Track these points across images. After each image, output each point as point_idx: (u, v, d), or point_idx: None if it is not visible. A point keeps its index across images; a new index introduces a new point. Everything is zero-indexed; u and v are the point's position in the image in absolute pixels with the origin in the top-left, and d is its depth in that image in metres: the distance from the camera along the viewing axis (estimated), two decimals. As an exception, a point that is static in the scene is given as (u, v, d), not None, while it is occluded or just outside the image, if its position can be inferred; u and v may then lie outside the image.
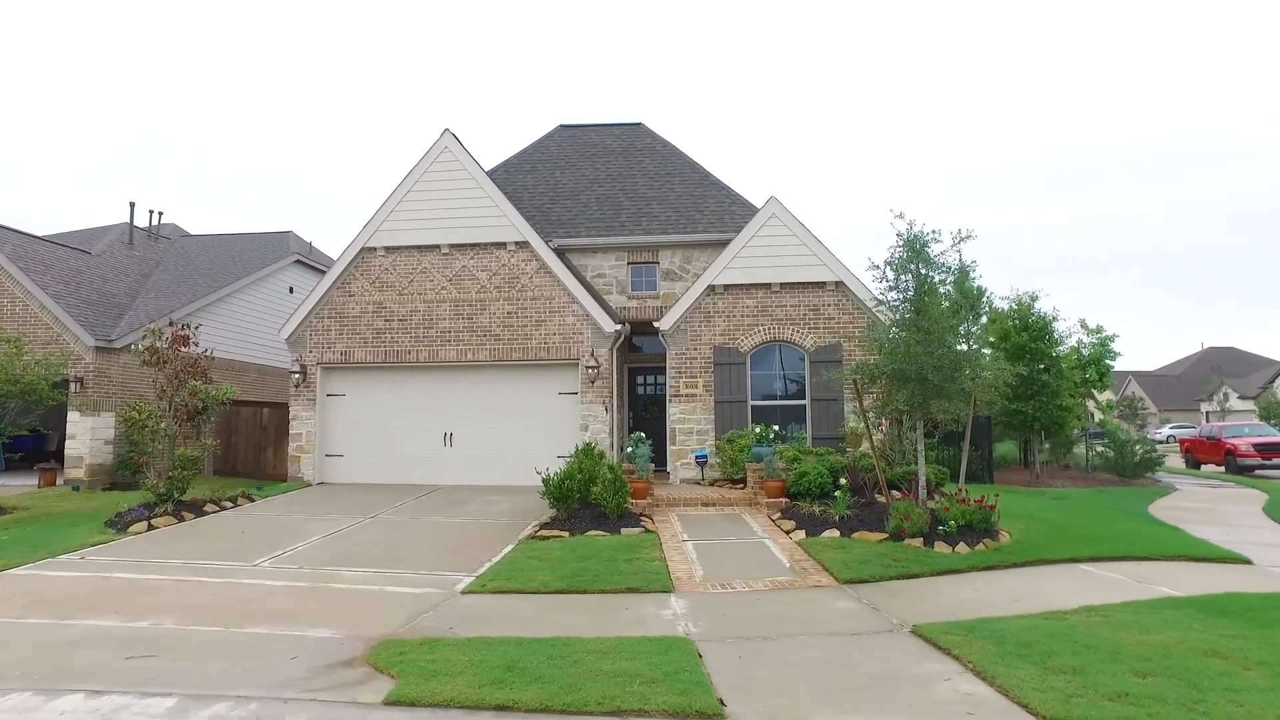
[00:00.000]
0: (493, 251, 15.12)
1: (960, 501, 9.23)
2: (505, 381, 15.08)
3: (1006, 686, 4.50)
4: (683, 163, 17.98)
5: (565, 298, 14.79)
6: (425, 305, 15.21)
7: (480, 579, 7.77)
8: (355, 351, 15.31)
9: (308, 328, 15.48)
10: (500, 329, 14.92)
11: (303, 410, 15.29)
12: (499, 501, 12.68)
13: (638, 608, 6.67)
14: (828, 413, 14.06)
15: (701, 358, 14.46)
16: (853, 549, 8.64)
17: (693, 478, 14.17)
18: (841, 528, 9.46)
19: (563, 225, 16.31)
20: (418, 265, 15.31)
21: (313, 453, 15.15)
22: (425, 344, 15.10)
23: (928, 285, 9.72)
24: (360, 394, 15.49)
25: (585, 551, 8.78)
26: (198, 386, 12.23)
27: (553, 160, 18.54)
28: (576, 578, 7.67)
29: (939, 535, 8.88)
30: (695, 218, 16.17)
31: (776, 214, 14.41)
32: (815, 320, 14.32)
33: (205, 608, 6.69)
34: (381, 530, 10.46)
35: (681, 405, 14.44)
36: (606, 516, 10.27)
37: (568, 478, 10.28)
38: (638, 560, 8.36)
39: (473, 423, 15.03)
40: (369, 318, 15.35)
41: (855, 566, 7.93)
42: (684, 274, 15.87)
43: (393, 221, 15.30)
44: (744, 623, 6.18)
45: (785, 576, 7.81)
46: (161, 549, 9.26)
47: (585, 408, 14.48)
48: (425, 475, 14.86)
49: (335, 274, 15.43)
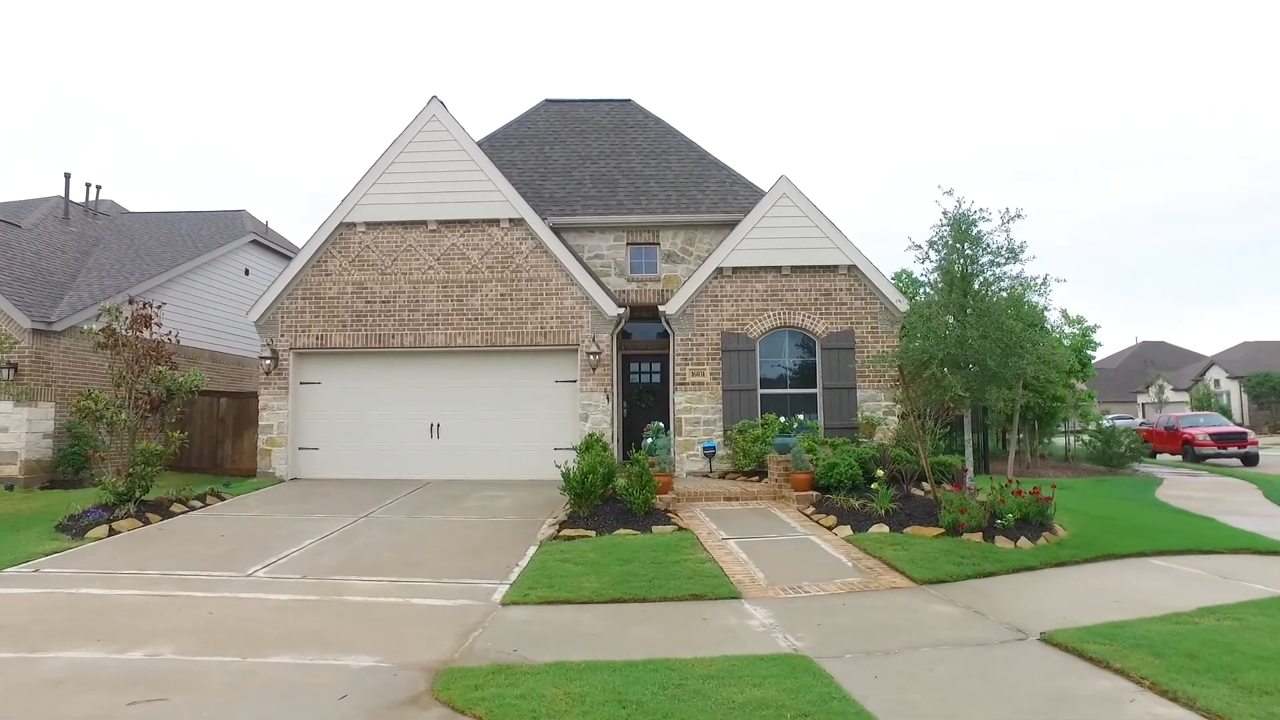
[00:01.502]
0: (484, 228, 14.06)
1: (1015, 493, 8.72)
2: (498, 369, 14.08)
3: (1214, 711, 3.89)
4: (678, 140, 17.18)
5: (563, 279, 13.86)
6: (410, 286, 14.07)
7: (518, 587, 6.89)
8: (333, 336, 14.08)
9: (279, 310, 14.17)
10: (492, 312, 13.90)
11: (273, 399, 14.00)
12: (499, 498, 11.74)
13: (717, 618, 5.90)
14: (840, 402, 13.50)
15: (709, 344, 13.73)
16: (911, 545, 8.04)
17: (699, 470, 13.46)
18: (889, 523, 8.86)
19: (556, 203, 15.34)
20: (402, 243, 14.16)
21: (284, 445, 13.89)
22: (410, 328, 13.98)
23: (974, 266, 9.18)
24: (338, 382, 14.27)
25: (622, 553, 7.96)
26: (162, 373, 10.91)
27: (540, 136, 17.50)
28: (627, 583, 6.86)
29: (996, 529, 8.36)
30: (697, 197, 15.39)
31: (787, 194, 13.75)
32: (827, 305, 13.74)
33: (207, 631, 5.64)
34: (382, 531, 9.43)
35: (687, 394, 13.69)
36: (632, 513, 9.46)
37: (591, 471, 9.43)
38: (685, 562, 7.59)
39: (462, 413, 14.00)
40: (348, 299, 14.13)
41: (925, 565, 7.32)
42: (686, 256, 15.09)
43: (375, 195, 14.10)
44: (849, 633, 5.47)
45: (854, 577, 7.15)
46: (131, 557, 8.06)
47: (585, 397, 13.60)
48: (409, 470, 13.77)
49: (310, 252, 14.15)
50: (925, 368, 9.20)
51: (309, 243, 14.20)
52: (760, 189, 15.37)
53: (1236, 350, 62.00)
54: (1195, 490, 15.04)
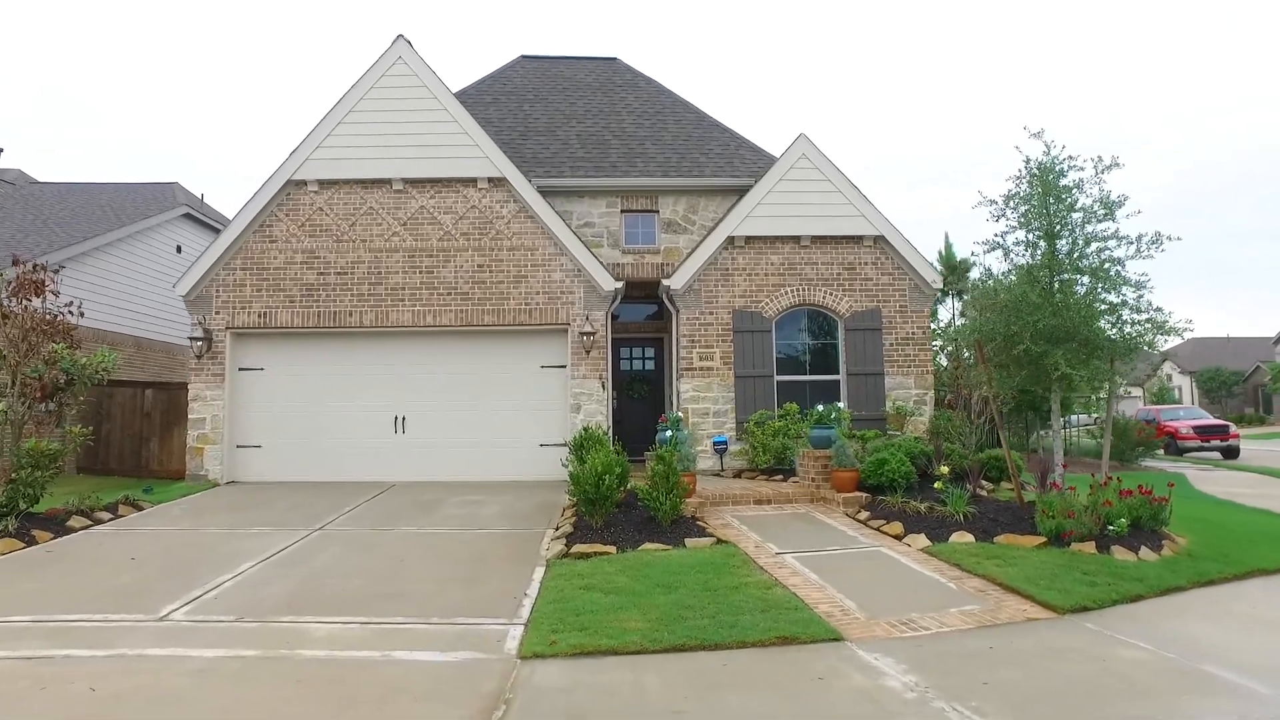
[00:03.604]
0: (459, 189, 12.12)
1: (1123, 494, 7.26)
2: (474, 352, 12.16)
3: None
4: (673, 101, 15.45)
5: (552, 248, 12.01)
6: (372, 255, 12.04)
7: (537, 628, 5.10)
8: (278, 313, 11.96)
9: (214, 282, 11.99)
10: (469, 286, 11.98)
11: (206, 389, 11.82)
12: (481, 503, 9.88)
13: (833, 674, 4.22)
14: (866, 389, 11.98)
15: (719, 324, 12.05)
16: (1014, 559, 6.50)
17: (710, 468, 11.78)
18: (971, 530, 7.31)
19: (540, 164, 13.46)
20: (362, 204, 12.11)
21: (219, 443, 11.73)
22: (371, 304, 11.96)
23: (1064, 223, 7.69)
24: (284, 368, 12.16)
25: (659, 576, 6.23)
26: (59, 352, 8.74)
27: (518, 92, 15.56)
28: (683, 621, 5.14)
29: (1108, 537, 6.88)
30: (699, 160, 13.69)
31: (807, 154, 12.16)
32: (850, 281, 12.20)
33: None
34: (343, 550, 7.50)
35: (695, 381, 12.00)
36: (656, 522, 7.74)
37: (606, 471, 7.65)
38: (746, 587, 5.90)
39: (432, 404, 12.04)
40: (297, 270, 12.03)
41: (1051, 586, 5.77)
42: (688, 225, 13.38)
43: (330, 149, 12.02)
44: (1042, 701, 3.85)
45: (970, 604, 5.55)
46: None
47: (577, 384, 11.79)
48: (370, 470, 11.77)
49: (252, 214, 12.00)
50: (1014, 342, 7.65)
51: (250, 203, 12.04)
52: (769, 154, 13.77)
53: (1185, 346, 63.34)
54: (1235, 485, 13.99)
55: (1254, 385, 54.99)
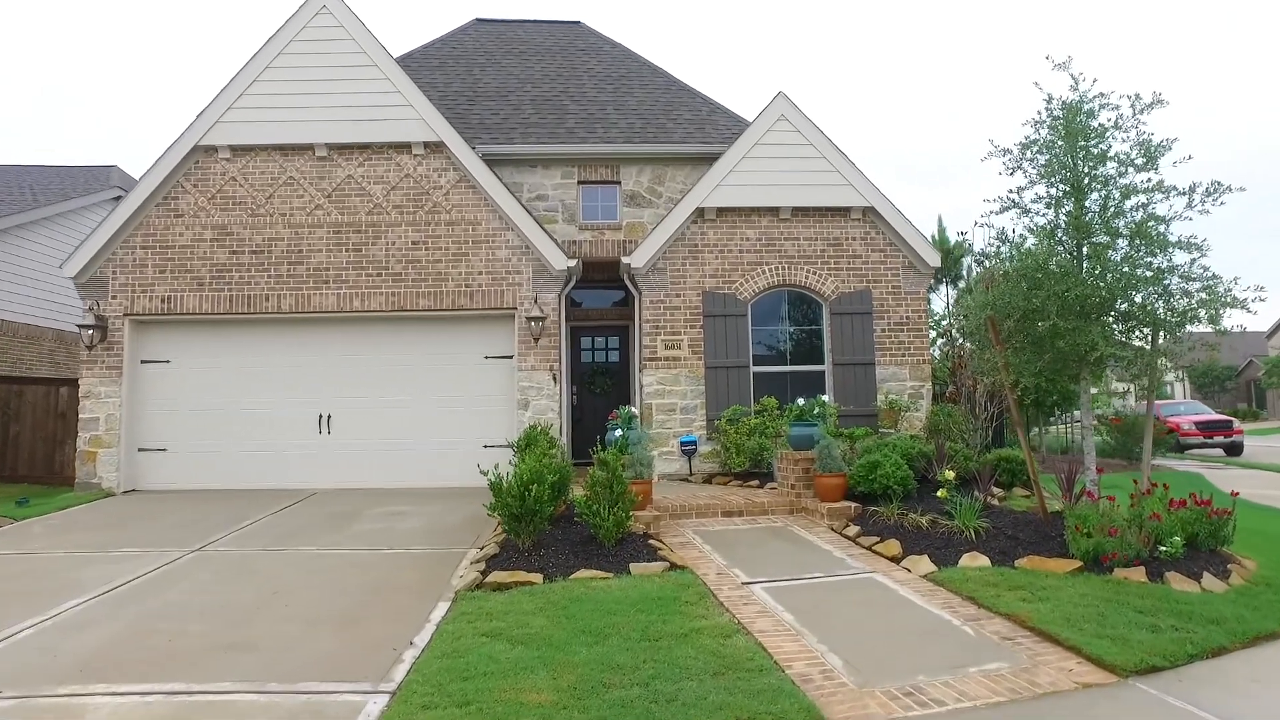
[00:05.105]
0: (391, 155, 10.64)
1: (1173, 504, 5.88)
2: (409, 341, 10.69)
3: None
4: (641, 65, 14.00)
5: (496, 222, 10.54)
6: (292, 231, 10.55)
7: (405, 703, 3.67)
8: (185, 298, 10.45)
9: (109, 262, 10.46)
10: (402, 265, 10.50)
11: (100, 384, 10.29)
12: (406, 515, 8.44)
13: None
14: (855, 381, 10.59)
15: (687, 307, 10.64)
16: (1044, 591, 5.11)
17: (676, 472, 10.38)
18: (987, 550, 5.93)
19: (487, 130, 11.99)
20: (281, 173, 10.61)
21: (115, 447, 10.21)
22: (291, 287, 10.46)
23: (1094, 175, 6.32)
24: (193, 360, 10.64)
25: (586, 617, 4.81)
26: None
27: (469, 57, 14.07)
28: (604, 691, 3.73)
29: (1159, 559, 5.51)
30: (667, 126, 12.25)
31: (786, 115, 10.75)
32: (837, 258, 10.81)
33: None
34: (209, 578, 6.03)
35: (659, 373, 10.57)
36: (598, 541, 6.31)
37: (535, 480, 6.20)
38: (698, 636, 4.49)
39: (362, 400, 10.56)
40: (206, 249, 10.51)
41: (1100, 631, 4.39)
42: (654, 198, 11.93)
43: (243, 110, 10.51)
44: None
45: (998, 662, 4.15)
46: None
47: (525, 376, 10.34)
48: (291, 476, 10.30)
49: (153, 184, 10.47)
50: (1036, 318, 6.26)
51: (151, 171, 10.50)
52: (742, 118, 12.36)
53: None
54: (1261, 486, 12.67)
55: (1247, 380, 54.24)
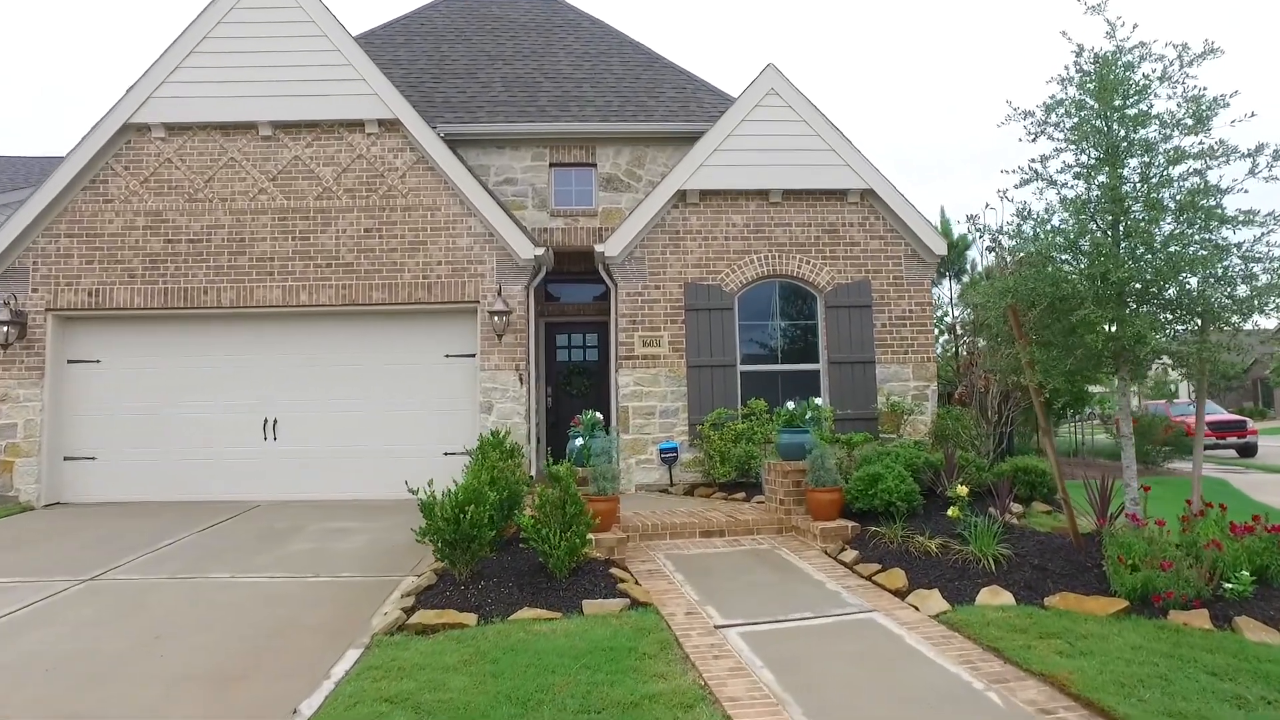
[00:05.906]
0: (342, 134, 9.67)
1: (1236, 529, 4.90)
2: (363, 338, 9.72)
3: None
4: (621, 41, 13.01)
5: (458, 207, 9.57)
6: (233, 218, 9.58)
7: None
8: (115, 291, 9.48)
9: (29, 252, 9.50)
10: (353, 255, 9.53)
11: (19, 386, 9.32)
12: (348, 533, 7.48)
13: None
14: (853, 381, 9.62)
15: (667, 300, 9.66)
16: (1086, 641, 4.14)
17: (655, 482, 9.41)
18: (1010, 583, 4.95)
19: (451, 108, 11.01)
20: (221, 155, 9.64)
21: (36, 455, 9.24)
22: (232, 279, 9.49)
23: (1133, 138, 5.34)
24: (126, 359, 9.68)
25: (518, 675, 3.85)
26: None
27: (437, 32, 13.09)
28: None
29: (1224, 599, 4.54)
30: (648, 105, 11.27)
31: (776, 89, 9.78)
32: (833, 246, 9.83)
33: None
34: (92, 614, 5.08)
35: (637, 372, 9.60)
36: (548, 572, 5.35)
37: (471, 500, 5.23)
38: (653, 705, 3.54)
39: (311, 404, 9.60)
40: (139, 237, 9.55)
41: (1167, 707, 3.42)
42: (633, 181, 10.95)
43: (179, 85, 9.55)
44: None
45: (1032, 749, 3.18)
46: None
47: (489, 377, 9.37)
48: (233, 487, 9.35)
49: (79, 166, 9.50)
50: (1068, 306, 5.27)
51: (76, 151, 9.53)
52: (730, 96, 11.38)
53: (1180, 338, 61.99)
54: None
55: (1253, 378, 53.29)
